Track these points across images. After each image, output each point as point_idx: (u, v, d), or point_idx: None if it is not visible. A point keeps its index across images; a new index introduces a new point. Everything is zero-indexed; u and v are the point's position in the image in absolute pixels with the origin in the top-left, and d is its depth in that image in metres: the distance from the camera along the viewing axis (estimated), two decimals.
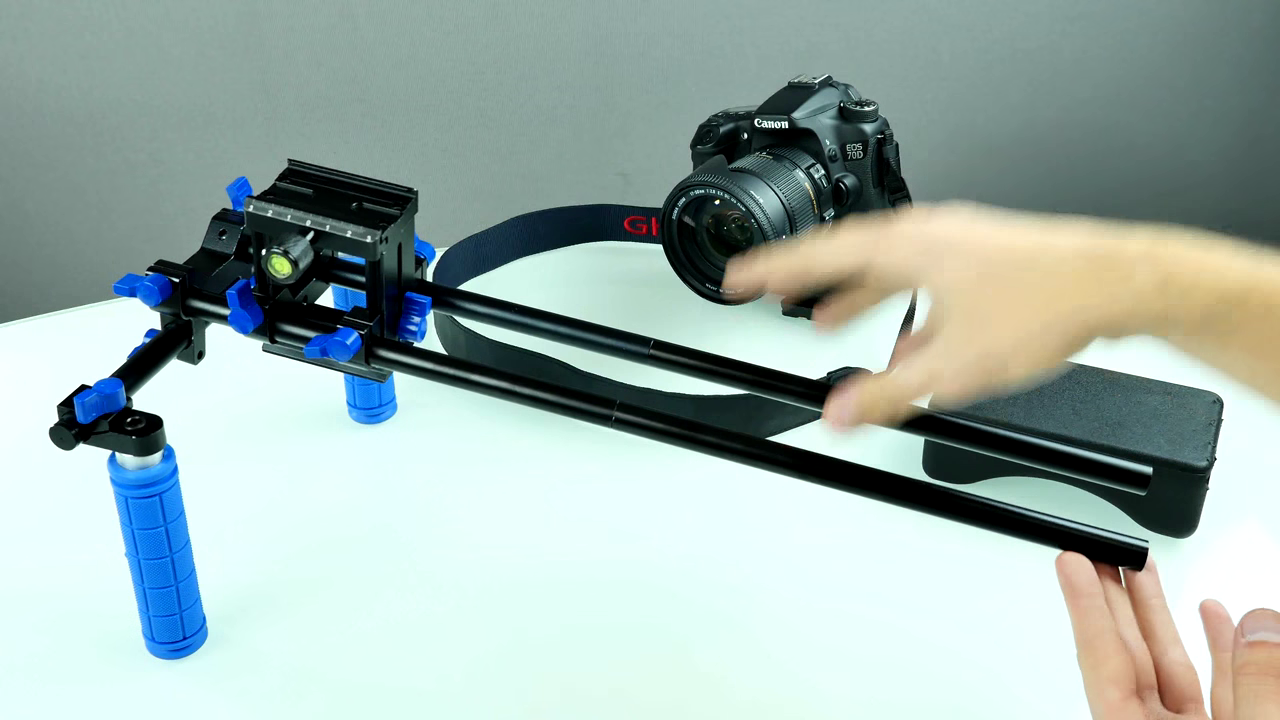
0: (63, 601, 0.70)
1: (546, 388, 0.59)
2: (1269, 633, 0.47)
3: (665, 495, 0.79)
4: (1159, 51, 1.87)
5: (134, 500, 0.61)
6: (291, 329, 0.62)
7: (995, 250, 0.51)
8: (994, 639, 0.69)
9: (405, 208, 0.62)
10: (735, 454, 0.58)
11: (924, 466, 0.79)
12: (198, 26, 1.55)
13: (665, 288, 0.95)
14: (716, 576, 0.73)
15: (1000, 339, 0.51)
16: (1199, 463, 0.72)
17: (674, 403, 0.80)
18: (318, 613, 0.70)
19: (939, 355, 0.52)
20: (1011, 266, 0.51)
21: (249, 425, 0.84)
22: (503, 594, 0.71)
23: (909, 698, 0.65)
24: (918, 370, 0.53)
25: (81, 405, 0.58)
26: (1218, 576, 0.73)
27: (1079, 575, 0.53)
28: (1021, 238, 0.52)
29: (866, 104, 0.94)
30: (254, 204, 0.60)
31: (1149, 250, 0.49)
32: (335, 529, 0.76)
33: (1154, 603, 0.53)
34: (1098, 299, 0.49)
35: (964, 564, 0.72)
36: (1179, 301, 0.48)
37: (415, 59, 1.63)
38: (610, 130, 1.74)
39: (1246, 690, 0.46)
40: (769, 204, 0.87)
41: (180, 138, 1.62)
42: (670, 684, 0.66)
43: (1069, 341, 0.50)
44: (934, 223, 0.53)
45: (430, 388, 0.63)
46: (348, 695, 0.65)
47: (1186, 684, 0.51)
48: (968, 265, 0.51)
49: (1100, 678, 0.49)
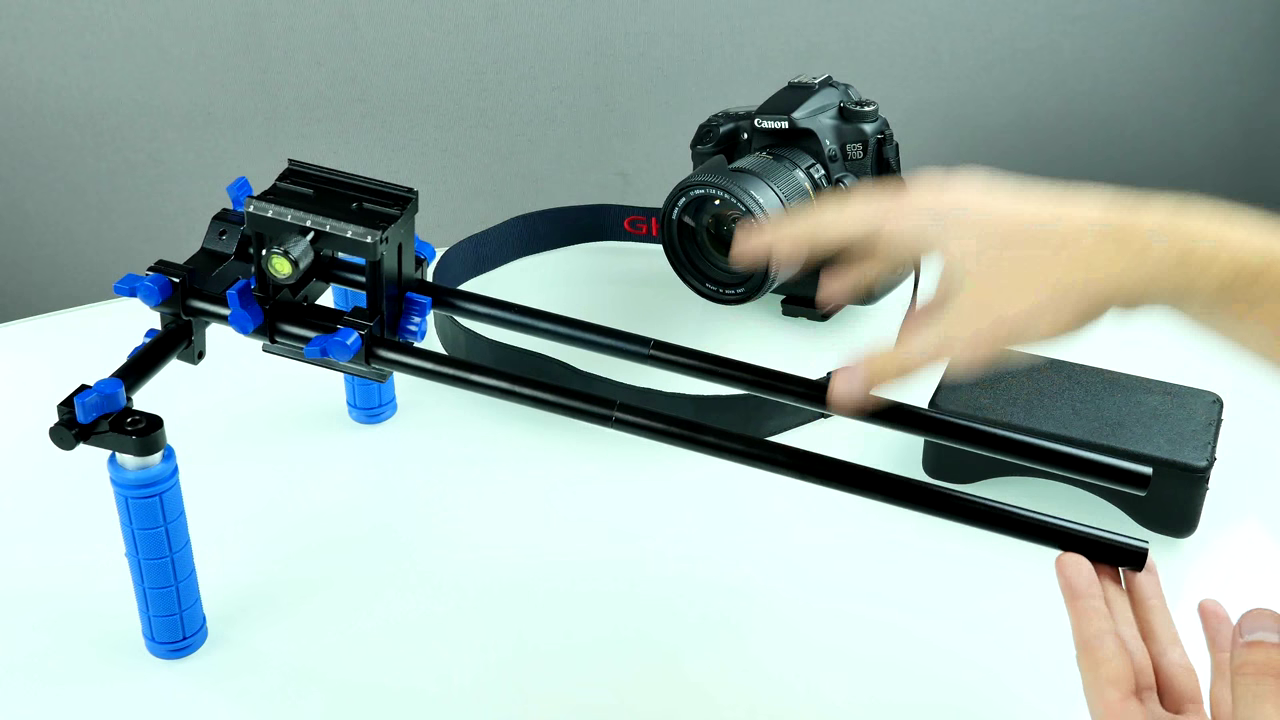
0: (63, 601, 0.70)
1: (547, 388, 0.59)
2: (1266, 633, 0.47)
3: (665, 495, 0.79)
4: (1159, 51, 1.87)
5: (134, 500, 0.61)
6: (292, 329, 0.62)
7: (1011, 218, 0.51)
8: (994, 640, 0.69)
9: (405, 208, 0.62)
10: (735, 454, 0.58)
11: (924, 466, 0.79)
12: (198, 26, 1.55)
13: (665, 288, 0.95)
14: (716, 577, 0.73)
15: (1014, 306, 0.50)
16: (1199, 463, 0.72)
17: (674, 403, 0.80)
18: (318, 613, 0.70)
19: (952, 322, 0.52)
20: (1027, 235, 0.50)
21: (249, 425, 0.84)
22: (502, 594, 0.71)
23: (910, 699, 0.65)
24: (929, 337, 0.53)
25: (82, 405, 0.58)
26: (1218, 576, 0.73)
27: (1078, 576, 0.53)
28: (1038, 206, 0.51)
29: (866, 104, 0.94)
30: (254, 204, 0.60)
31: (1168, 222, 0.49)
32: (335, 529, 0.76)
33: (1153, 603, 0.53)
34: (1115, 269, 0.48)
35: (964, 565, 0.72)
36: (1198, 274, 0.47)
37: (415, 59, 1.63)
38: (610, 130, 1.74)
39: (1244, 690, 0.46)
40: (769, 204, 0.87)
41: (180, 138, 1.62)
42: (670, 684, 0.66)
43: (1084, 310, 0.49)
44: (948, 191, 0.53)
45: (430, 388, 0.63)
46: (348, 695, 0.65)
47: (1186, 685, 0.51)
48: (982, 233, 0.51)
49: (1099, 678, 0.49)
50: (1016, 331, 0.51)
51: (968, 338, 0.51)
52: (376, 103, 1.65)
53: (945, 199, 0.53)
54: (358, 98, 1.64)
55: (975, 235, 0.51)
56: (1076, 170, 1.93)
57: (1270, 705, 0.45)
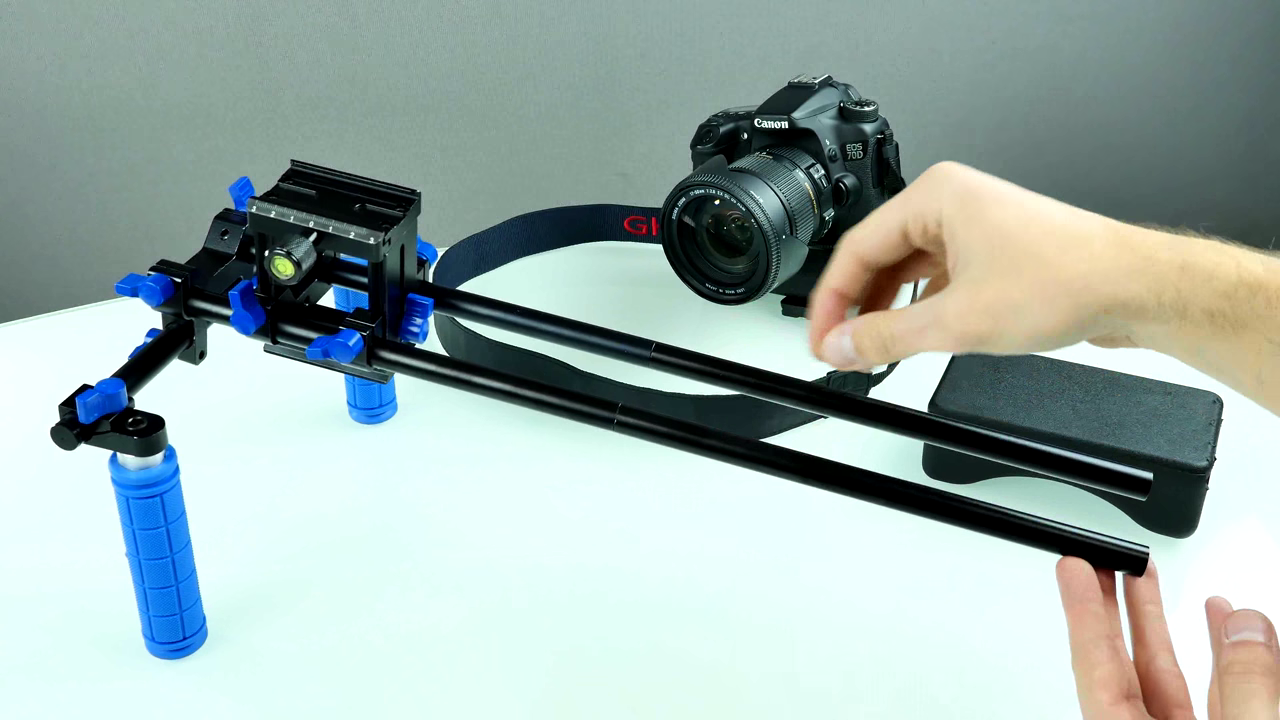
0: (63, 601, 0.70)
1: (548, 389, 0.59)
2: (1252, 632, 0.47)
3: (665, 497, 0.79)
4: (1159, 51, 1.87)
5: (135, 500, 0.61)
6: (293, 330, 0.62)
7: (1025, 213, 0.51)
8: (994, 643, 0.69)
9: (408, 209, 0.62)
10: (736, 457, 0.58)
11: (924, 467, 0.80)
12: (198, 26, 1.55)
13: (665, 288, 0.95)
14: (716, 578, 0.73)
15: (1012, 293, 0.50)
16: (1199, 463, 0.72)
17: (674, 403, 0.80)
18: (318, 613, 0.70)
19: (949, 299, 0.52)
20: (1038, 230, 0.50)
21: (250, 425, 0.84)
22: (502, 594, 0.71)
23: (911, 700, 0.65)
24: (921, 309, 0.53)
25: (83, 405, 0.58)
26: (1218, 576, 0.73)
27: (1077, 580, 0.53)
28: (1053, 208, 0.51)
29: (866, 104, 0.94)
30: (257, 205, 0.60)
31: (1171, 240, 0.49)
32: (335, 529, 0.76)
33: (1149, 609, 0.53)
34: (1118, 273, 0.48)
35: (964, 568, 0.72)
36: (1201, 284, 0.47)
37: (415, 59, 1.63)
38: (610, 130, 1.74)
39: (1232, 690, 0.46)
40: (769, 204, 0.87)
41: (180, 138, 1.62)
42: (670, 684, 0.66)
43: (1079, 311, 0.49)
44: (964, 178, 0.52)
45: (430, 388, 0.63)
46: (348, 695, 0.65)
47: (1173, 691, 0.51)
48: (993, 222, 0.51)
49: (1091, 681, 0.49)
50: (1008, 319, 0.50)
51: (957, 314, 0.51)
52: (377, 103, 1.65)
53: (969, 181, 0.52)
54: (358, 98, 1.64)
55: (985, 220, 0.51)
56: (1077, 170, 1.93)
57: (1258, 702, 0.45)
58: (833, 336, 0.55)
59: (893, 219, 0.54)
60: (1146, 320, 0.49)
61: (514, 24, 1.64)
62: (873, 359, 0.55)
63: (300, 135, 1.64)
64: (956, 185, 0.52)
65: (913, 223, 0.53)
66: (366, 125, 1.66)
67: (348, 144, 1.66)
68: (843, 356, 0.55)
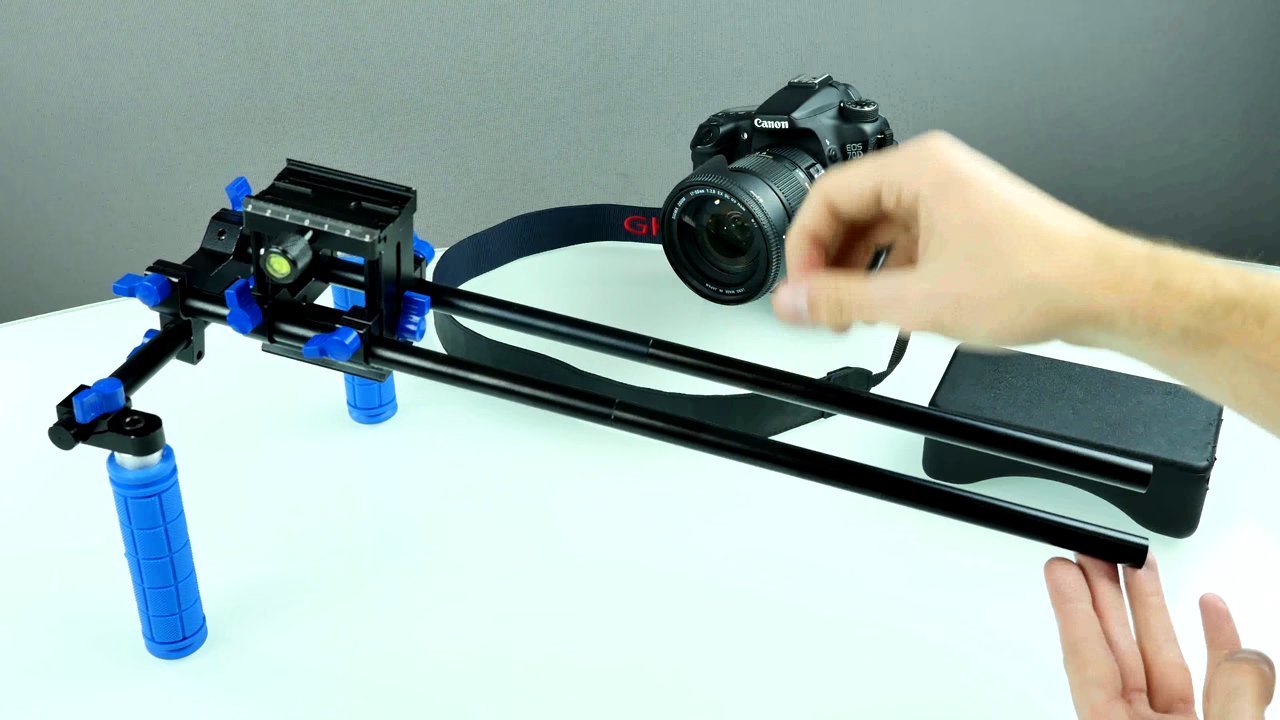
0: (63, 601, 0.70)
1: (546, 387, 0.59)
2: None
3: (665, 495, 0.79)
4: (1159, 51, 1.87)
5: (133, 500, 0.61)
6: (290, 328, 0.62)
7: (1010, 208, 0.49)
8: (996, 639, 0.68)
9: (404, 207, 0.62)
10: (735, 452, 0.58)
11: (924, 466, 0.79)
12: (198, 26, 1.55)
13: (665, 288, 0.95)
14: (716, 575, 0.73)
15: (982, 289, 0.48)
16: (1199, 463, 0.72)
17: (674, 403, 0.79)
18: (317, 612, 0.70)
19: (915, 279, 0.50)
20: (1020, 228, 0.48)
21: (249, 425, 0.84)
22: (502, 594, 0.71)
23: (911, 697, 0.65)
24: (884, 281, 0.51)
25: (80, 405, 0.58)
26: (1218, 576, 0.73)
27: (1065, 580, 0.53)
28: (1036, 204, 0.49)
29: (866, 104, 0.94)
30: (253, 204, 0.60)
31: (1150, 253, 0.47)
32: (335, 529, 0.76)
33: (1152, 601, 0.53)
34: (1093, 286, 0.47)
35: (965, 563, 0.72)
36: (1175, 301, 0.46)
37: (415, 59, 1.63)
38: (610, 130, 1.74)
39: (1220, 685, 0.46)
40: (769, 204, 0.87)
41: (180, 138, 1.62)
42: (670, 683, 0.66)
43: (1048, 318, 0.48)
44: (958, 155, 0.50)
45: (430, 387, 0.63)
46: (348, 695, 0.65)
47: (1178, 684, 0.51)
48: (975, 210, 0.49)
49: (1085, 680, 0.49)
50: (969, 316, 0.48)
51: (921, 298, 0.49)
52: (377, 103, 1.65)
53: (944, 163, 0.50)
54: (358, 98, 1.64)
55: (967, 208, 0.49)
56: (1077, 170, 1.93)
57: (1243, 700, 0.45)
58: (787, 290, 0.53)
59: (869, 179, 0.51)
60: (1116, 334, 0.48)
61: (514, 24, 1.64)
62: (824, 320, 0.53)
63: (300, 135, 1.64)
64: (941, 166, 0.50)
65: (887, 189, 0.51)
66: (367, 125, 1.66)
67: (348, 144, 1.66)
68: (794, 312, 0.53)
